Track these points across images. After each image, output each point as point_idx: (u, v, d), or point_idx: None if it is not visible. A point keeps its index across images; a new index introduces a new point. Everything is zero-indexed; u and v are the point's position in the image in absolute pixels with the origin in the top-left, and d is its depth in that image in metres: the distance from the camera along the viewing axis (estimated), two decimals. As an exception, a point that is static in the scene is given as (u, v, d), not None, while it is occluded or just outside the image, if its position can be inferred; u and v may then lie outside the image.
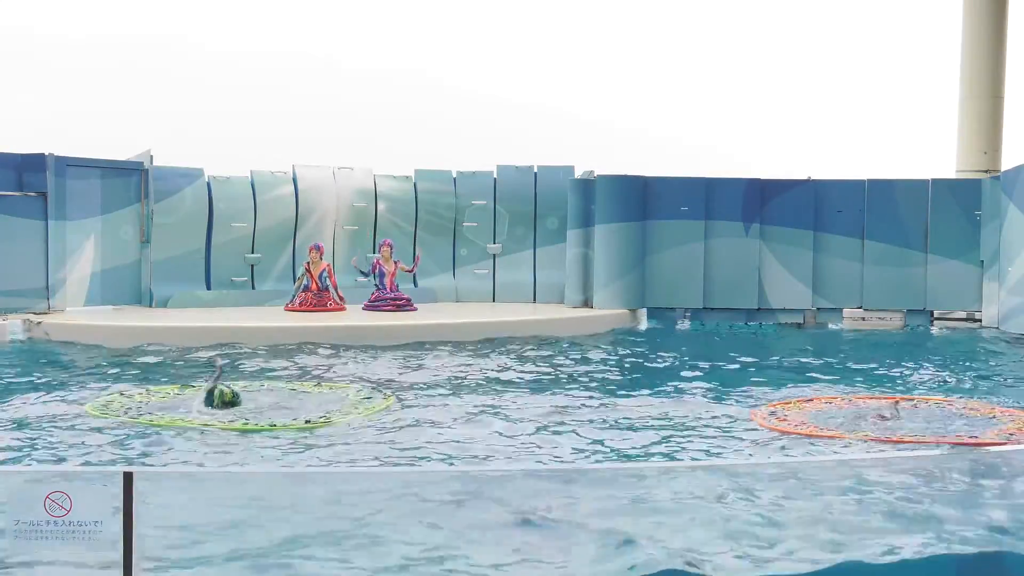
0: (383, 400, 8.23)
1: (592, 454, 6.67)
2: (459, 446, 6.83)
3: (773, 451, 6.74)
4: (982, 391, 9.34)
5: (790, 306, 14.82)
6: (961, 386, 9.72)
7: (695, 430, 7.43)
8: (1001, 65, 17.43)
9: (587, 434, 7.25)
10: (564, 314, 14.31)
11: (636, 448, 6.86)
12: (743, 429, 7.39)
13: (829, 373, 10.39)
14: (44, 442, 6.80)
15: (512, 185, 16.13)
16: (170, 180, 14.63)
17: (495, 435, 7.20)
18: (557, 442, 7.02)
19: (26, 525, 3.52)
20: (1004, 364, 11.46)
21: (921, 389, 9.51)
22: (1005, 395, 9.14)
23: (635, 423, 7.62)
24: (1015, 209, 13.22)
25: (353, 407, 7.97)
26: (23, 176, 12.91)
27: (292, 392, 8.68)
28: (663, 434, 7.25)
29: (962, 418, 7.65)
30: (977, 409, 8.02)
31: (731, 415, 7.94)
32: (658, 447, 6.87)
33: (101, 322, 12.51)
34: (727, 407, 8.34)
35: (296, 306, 14.11)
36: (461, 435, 7.17)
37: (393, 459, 6.41)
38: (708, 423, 7.66)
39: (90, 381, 9.26)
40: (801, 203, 14.76)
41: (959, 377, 10.27)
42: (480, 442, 6.97)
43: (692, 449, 6.84)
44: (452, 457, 6.51)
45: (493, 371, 10.19)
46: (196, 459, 6.36)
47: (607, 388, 9.34)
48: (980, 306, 14.37)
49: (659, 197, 14.72)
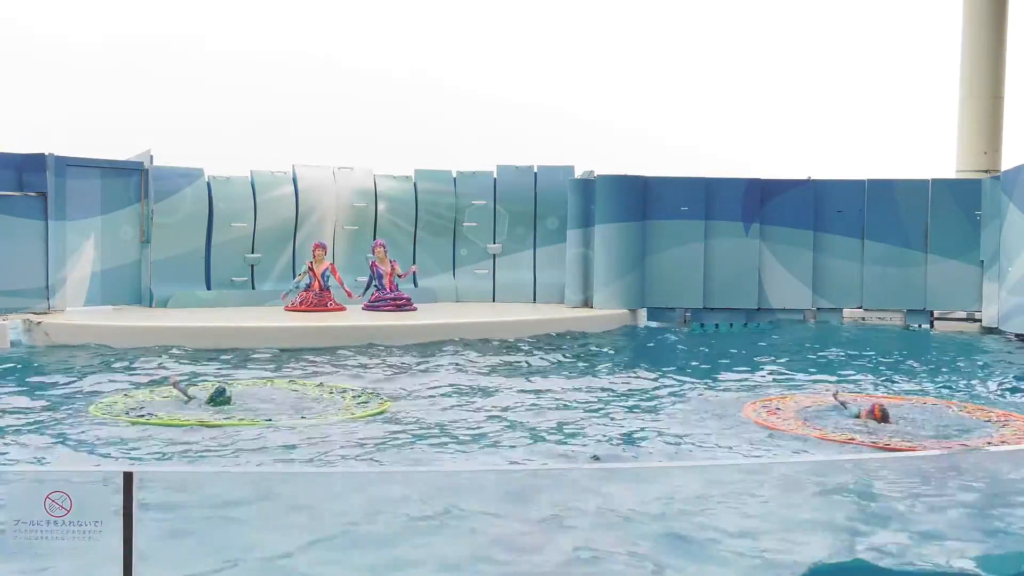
0: (380, 403, 8.23)
1: (583, 449, 6.67)
2: (457, 446, 6.83)
3: (765, 449, 6.73)
4: (981, 393, 9.30)
5: (790, 306, 14.83)
6: (961, 387, 9.70)
7: (689, 427, 7.43)
8: (1001, 65, 17.43)
9: (581, 432, 7.25)
10: (564, 314, 14.31)
11: (628, 445, 6.86)
12: (734, 426, 7.39)
13: (828, 371, 10.40)
14: (44, 442, 6.80)
15: (512, 185, 16.13)
16: (170, 180, 14.63)
17: (493, 435, 7.20)
18: (555, 442, 7.02)
19: (26, 525, 3.52)
20: (1003, 364, 11.44)
21: (920, 390, 9.51)
22: (1006, 396, 9.12)
23: (629, 423, 7.63)
24: (1015, 209, 13.21)
25: (349, 407, 7.97)
26: (23, 176, 12.90)
27: (291, 392, 8.67)
28: (652, 430, 7.26)
29: (958, 421, 7.59)
30: (972, 412, 7.94)
31: (722, 413, 7.92)
32: (650, 444, 6.87)
33: (101, 322, 12.50)
34: (720, 403, 8.32)
35: (296, 306, 14.11)
36: (458, 435, 7.17)
37: (390, 459, 6.41)
38: (700, 420, 7.65)
39: (90, 381, 9.26)
40: (801, 203, 14.76)
41: (958, 378, 10.24)
42: (478, 441, 6.97)
43: (686, 445, 6.83)
44: (447, 457, 6.52)
45: (493, 371, 10.19)
46: (196, 459, 6.36)
47: (605, 388, 9.33)
48: (980, 306, 14.37)
49: (659, 197, 14.72)
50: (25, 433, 7.06)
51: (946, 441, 6.87)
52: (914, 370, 10.73)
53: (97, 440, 6.82)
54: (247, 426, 7.22)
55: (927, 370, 10.76)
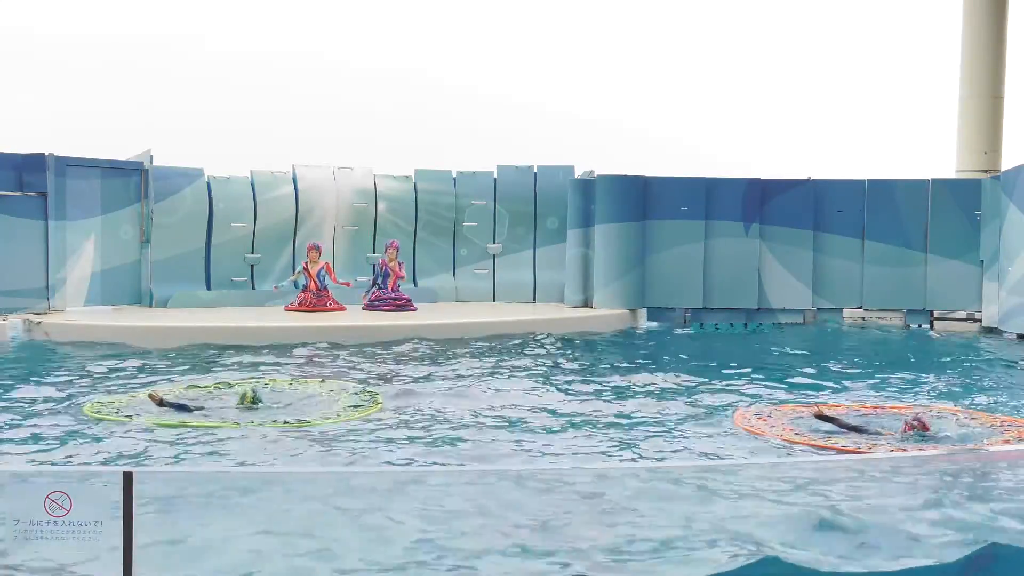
0: (376, 401, 8.22)
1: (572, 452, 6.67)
2: (455, 446, 6.83)
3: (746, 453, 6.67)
4: (981, 399, 9.14)
5: (790, 306, 14.82)
6: (960, 390, 9.59)
7: (675, 431, 7.39)
8: (1001, 65, 17.42)
9: (578, 432, 7.25)
10: (564, 314, 14.31)
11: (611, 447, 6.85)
12: (722, 432, 7.33)
13: (826, 377, 10.30)
14: (44, 442, 6.80)
15: (512, 185, 16.13)
16: (170, 180, 14.64)
17: (490, 435, 7.20)
18: (549, 441, 7.02)
19: (26, 525, 3.52)
20: (1004, 365, 11.43)
21: (917, 396, 9.48)
22: (1007, 399, 9.05)
23: (622, 422, 7.63)
24: (1015, 209, 13.21)
25: (347, 407, 7.97)
26: (23, 176, 12.91)
27: (289, 392, 8.67)
28: (636, 434, 7.25)
29: (962, 428, 7.30)
30: (978, 418, 7.66)
31: (712, 418, 7.85)
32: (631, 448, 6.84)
33: (101, 322, 12.51)
34: (711, 408, 8.25)
35: (296, 306, 14.12)
36: (457, 435, 7.16)
37: (385, 458, 6.41)
38: (688, 425, 7.60)
39: (90, 381, 9.26)
40: (801, 203, 14.76)
41: (958, 381, 10.13)
42: (473, 442, 6.97)
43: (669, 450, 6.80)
44: (442, 456, 6.51)
45: (492, 371, 10.19)
46: (195, 458, 6.36)
47: (603, 388, 9.33)
48: (980, 306, 14.36)
49: (659, 197, 14.72)
50: (25, 433, 7.06)
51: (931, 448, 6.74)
52: (916, 376, 10.52)
53: (97, 440, 6.82)
54: (258, 427, 7.22)
55: (928, 375, 10.58)
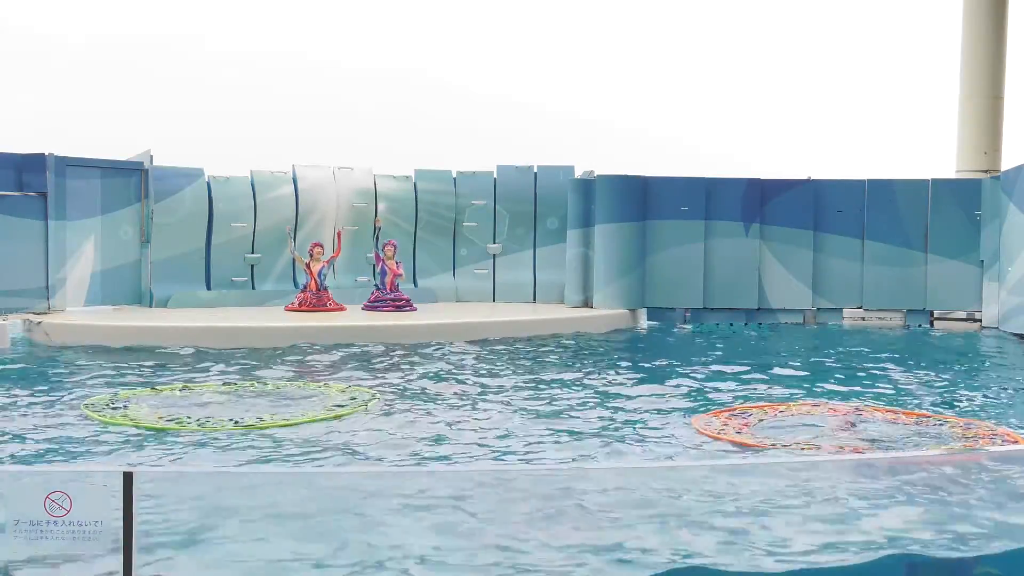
0: (372, 400, 8.22)
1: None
2: (453, 446, 6.83)
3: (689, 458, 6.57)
4: (980, 405, 9.09)
5: (790, 306, 14.83)
6: (960, 394, 9.59)
7: (636, 432, 7.35)
8: (1001, 65, 17.43)
9: (573, 432, 7.25)
10: (564, 314, 14.31)
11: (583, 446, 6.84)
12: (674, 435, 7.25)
13: (823, 377, 10.26)
14: (44, 442, 6.80)
15: (512, 185, 16.14)
16: (170, 180, 14.64)
17: (488, 435, 7.20)
18: (547, 440, 7.02)
19: (26, 525, 3.52)
20: (1005, 367, 11.43)
21: (918, 399, 9.48)
22: (1007, 407, 9.01)
23: (613, 421, 7.62)
24: (1015, 209, 13.22)
25: (345, 407, 7.97)
26: (23, 176, 12.91)
27: (289, 392, 8.68)
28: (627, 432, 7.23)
29: (960, 440, 6.97)
30: (979, 429, 7.31)
31: (671, 421, 7.75)
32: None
33: (101, 322, 12.51)
34: (673, 412, 8.16)
35: (296, 306, 14.12)
36: (454, 435, 7.16)
37: (384, 459, 6.41)
38: (648, 426, 7.54)
39: (90, 381, 9.26)
40: (801, 203, 14.77)
41: (959, 384, 10.09)
42: (471, 442, 6.96)
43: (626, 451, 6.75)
44: (435, 457, 6.51)
45: (492, 371, 10.19)
46: (196, 458, 6.36)
47: (600, 388, 9.33)
48: (980, 306, 14.38)
49: (659, 197, 14.73)
50: (25, 433, 7.06)
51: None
52: (916, 377, 10.48)
53: (97, 440, 6.82)
54: (264, 428, 7.22)
55: (928, 377, 10.55)
